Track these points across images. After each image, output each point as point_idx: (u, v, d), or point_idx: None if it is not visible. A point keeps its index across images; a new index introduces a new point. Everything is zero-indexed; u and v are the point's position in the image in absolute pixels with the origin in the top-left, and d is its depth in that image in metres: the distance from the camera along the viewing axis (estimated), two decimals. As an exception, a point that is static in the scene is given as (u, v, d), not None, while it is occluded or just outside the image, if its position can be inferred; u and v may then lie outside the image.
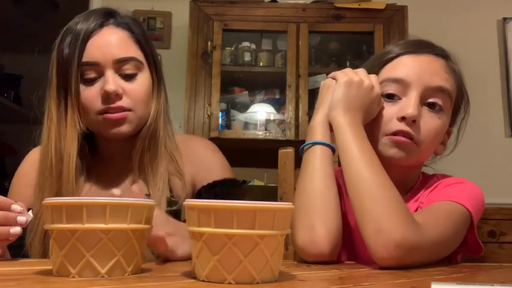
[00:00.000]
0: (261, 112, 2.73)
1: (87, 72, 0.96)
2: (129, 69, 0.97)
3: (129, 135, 0.99)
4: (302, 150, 0.94)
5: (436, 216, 0.85)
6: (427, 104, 0.94)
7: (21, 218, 0.76)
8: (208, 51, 2.64)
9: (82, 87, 0.96)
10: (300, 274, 0.69)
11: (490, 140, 2.82)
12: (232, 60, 2.75)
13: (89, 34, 0.96)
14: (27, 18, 3.47)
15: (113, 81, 0.95)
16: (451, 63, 0.99)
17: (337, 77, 0.94)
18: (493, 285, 0.50)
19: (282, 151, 1.19)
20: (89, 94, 0.96)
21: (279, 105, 2.77)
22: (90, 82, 0.96)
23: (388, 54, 0.99)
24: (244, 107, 2.79)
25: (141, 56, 1.00)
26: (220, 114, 2.66)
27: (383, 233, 0.77)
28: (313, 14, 2.71)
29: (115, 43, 0.97)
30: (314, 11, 2.72)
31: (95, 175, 1.04)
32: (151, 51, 1.03)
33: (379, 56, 1.02)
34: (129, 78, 0.98)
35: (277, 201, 0.91)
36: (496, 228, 2.20)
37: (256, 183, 2.71)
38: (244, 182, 2.68)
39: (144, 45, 1.01)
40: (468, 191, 0.92)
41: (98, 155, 1.05)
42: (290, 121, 2.61)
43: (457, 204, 0.87)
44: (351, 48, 2.85)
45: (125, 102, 0.96)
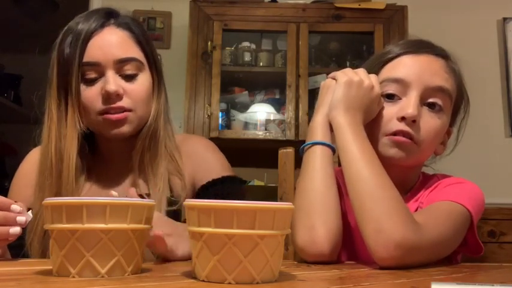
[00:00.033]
0: (261, 112, 2.72)
1: (88, 72, 0.96)
2: (129, 69, 0.97)
3: (130, 135, 0.99)
4: (302, 150, 0.94)
5: (436, 216, 0.85)
6: (427, 104, 0.94)
7: (20, 218, 0.76)
8: (208, 51, 2.64)
9: (82, 87, 0.96)
10: (300, 274, 0.68)
11: (490, 140, 2.81)
12: (232, 60, 2.75)
13: (90, 34, 0.96)
14: (27, 18, 3.47)
15: (114, 82, 0.95)
16: (451, 63, 0.99)
17: (337, 77, 0.94)
18: (493, 285, 0.50)
19: (282, 151, 1.19)
20: (90, 94, 0.96)
21: (279, 105, 2.77)
22: (90, 82, 0.96)
23: (388, 54, 0.99)
24: (244, 107, 2.79)
25: (141, 56, 1.00)
26: (220, 114, 2.65)
27: (383, 233, 0.77)
28: (313, 14, 2.71)
29: (116, 43, 0.97)
30: (314, 11, 2.71)
31: (95, 175, 1.04)
32: (151, 52, 1.03)
33: (379, 56, 1.02)
34: (129, 78, 0.98)
35: (277, 201, 0.91)
36: (496, 228, 2.19)
37: (256, 183, 2.71)
38: (244, 181, 2.67)
39: (145, 46, 1.01)
40: (468, 191, 0.92)
41: (98, 155, 1.05)
42: (290, 121, 2.60)
43: (457, 204, 0.87)
44: (351, 48, 2.85)
45: (125, 102, 0.96)
